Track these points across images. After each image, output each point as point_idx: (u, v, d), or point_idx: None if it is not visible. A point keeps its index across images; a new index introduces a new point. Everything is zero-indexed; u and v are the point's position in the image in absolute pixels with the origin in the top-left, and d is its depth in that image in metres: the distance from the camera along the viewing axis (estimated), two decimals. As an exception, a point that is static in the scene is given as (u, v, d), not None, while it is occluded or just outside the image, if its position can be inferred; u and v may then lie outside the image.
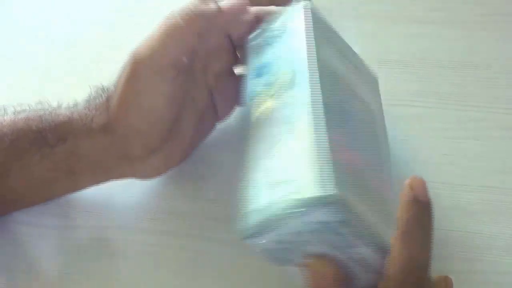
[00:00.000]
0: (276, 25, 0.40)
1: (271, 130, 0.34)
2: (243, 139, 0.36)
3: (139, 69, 0.39)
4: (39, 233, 0.44)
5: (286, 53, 0.37)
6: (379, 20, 0.56)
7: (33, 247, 0.43)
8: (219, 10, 0.40)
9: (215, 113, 0.44)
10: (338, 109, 0.35)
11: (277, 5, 0.42)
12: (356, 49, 0.44)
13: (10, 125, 0.40)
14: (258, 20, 0.42)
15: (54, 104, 0.42)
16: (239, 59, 0.43)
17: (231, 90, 0.43)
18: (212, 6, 0.40)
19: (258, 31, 0.41)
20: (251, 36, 0.41)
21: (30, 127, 0.40)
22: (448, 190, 0.45)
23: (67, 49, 0.56)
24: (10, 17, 0.61)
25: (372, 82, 0.43)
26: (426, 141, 0.48)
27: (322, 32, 0.38)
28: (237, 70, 0.44)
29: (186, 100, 0.42)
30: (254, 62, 0.40)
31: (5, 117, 0.41)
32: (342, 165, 0.31)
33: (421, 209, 0.30)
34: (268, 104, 0.36)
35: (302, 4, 0.39)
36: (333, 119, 0.33)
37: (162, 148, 0.41)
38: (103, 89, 0.42)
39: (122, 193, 0.45)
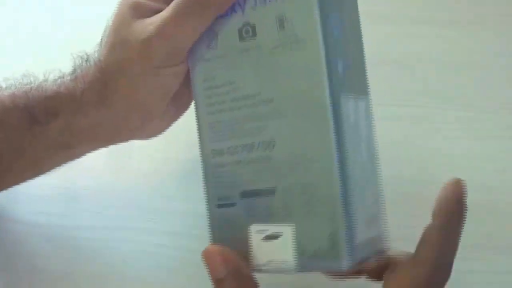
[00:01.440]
0: None
1: None
2: None
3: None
4: (39, 232, 0.44)
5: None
6: (379, 20, 0.56)
7: (33, 247, 0.43)
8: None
9: None
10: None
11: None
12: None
13: None
14: None
15: (40, 77, 0.40)
16: None
17: None
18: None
19: None
20: None
21: (17, 105, 0.38)
22: (448, 190, 0.45)
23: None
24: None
25: None
26: (426, 141, 0.48)
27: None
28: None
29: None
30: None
31: None
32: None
33: (463, 208, 0.33)
34: None
35: None
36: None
37: (164, 114, 0.39)
38: (87, 55, 0.38)
39: (123, 193, 0.45)
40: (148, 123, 0.39)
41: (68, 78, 0.38)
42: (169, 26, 0.35)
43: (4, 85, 0.40)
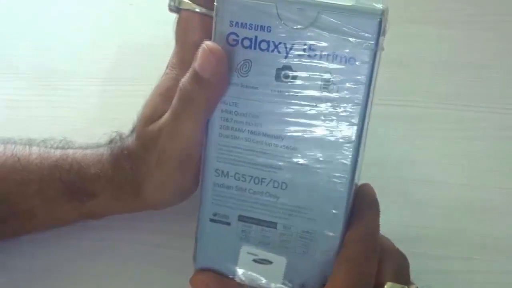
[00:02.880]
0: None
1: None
2: None
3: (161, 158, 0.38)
4: (39, 232, 0.44)
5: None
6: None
7: (33, 247, 0.43)
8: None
9: None
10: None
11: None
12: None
13: (37, 171, 0.40)
14: None
15: (78, 143, 0.42)
16: None
17: None
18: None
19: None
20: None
21: (58, 177, 0.40)
22: (448, 190, 0.45)
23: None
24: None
25: None
26: (426, 141, 0.48)
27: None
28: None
29: None
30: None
31: (32, 157, 0.41)
32: None
33: (375, 197, 0.36)
34: None
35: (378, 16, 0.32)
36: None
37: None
38: (121, 136, 0.41)
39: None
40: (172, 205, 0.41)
41: (108, 161, 0.40)
42: (169, 128, 0.36)
43: (43, 150, 0.41)
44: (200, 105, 0.35)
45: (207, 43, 0.33)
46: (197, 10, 0.38)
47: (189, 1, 0.38)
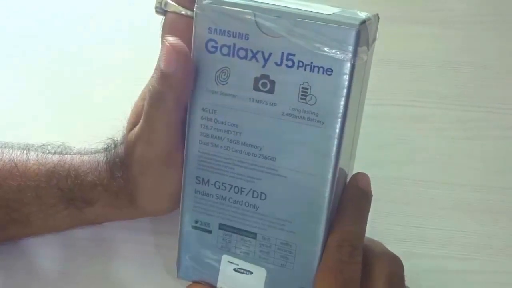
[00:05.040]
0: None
1: None
2: None
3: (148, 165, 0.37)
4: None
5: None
6: (379, 20, 0.56)
7: (33, 247, 0.43)
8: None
9: None
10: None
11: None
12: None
13: (34, 177, 0.40)
14: None
15: (76, 149, 0.42)
16: None
17: None
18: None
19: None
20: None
21: (55, 183, 0.40)
22: (448, 190, 0.45)
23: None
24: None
25: None
26: (426, 141, 0.48)
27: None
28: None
29: None
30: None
31: (30, 163, 0.41)
32: None
33: (359, 192, 0.35)
34: None
35: (358, 26, 0.31)
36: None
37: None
38: (115, 143, 0.40)
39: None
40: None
41: (104, 169, 0.40)
42: (144, 133, 0.36)
43: (41, 155, 0.41)
44: (168, 104, 0.34)
45: (168, 38, 0.33)
46: (183, 12, 0.37)
47: (175, 4, 0.38)
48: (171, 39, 0.33)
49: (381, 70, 0.47)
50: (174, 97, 0.34)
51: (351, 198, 0.34)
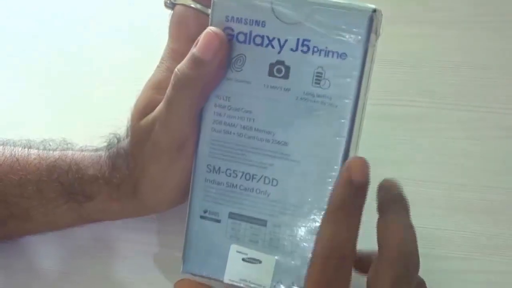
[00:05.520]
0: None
1: None
2: None
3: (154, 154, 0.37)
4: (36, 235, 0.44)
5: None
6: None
7: (33, 247, 0.43)
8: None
9: None
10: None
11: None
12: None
13: (35, 172, 0.40)
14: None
15: (77, 146, 0.42)
16: None
17: None
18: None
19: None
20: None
21: (56, 178, 0.40)
22: (448, 190, 0.45)
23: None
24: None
25: None
26: (426, 141, 0.48)
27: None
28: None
29: None
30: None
31: (31, 158, 0.41)
32: None
33: (352, 190, 0.31)
34: None
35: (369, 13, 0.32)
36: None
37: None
38: (118, 138, 0.40)
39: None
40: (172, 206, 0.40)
41: (106, 163, 0.40)
42: (162, 117, 0.36)
43: (42, 151, 0.41)
44: (195, 90, 0.34)
45: (211, 28, 0.34)
46: (192, 5, 0.38)
47: None
48: (214, 28, 0.34)
49: (381, 70, 0.47)
50: (203, 84, 0.34)
51: (341, 198, 0.31)
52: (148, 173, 0.38)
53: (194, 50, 0.34)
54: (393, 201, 0.34)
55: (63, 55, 0.55)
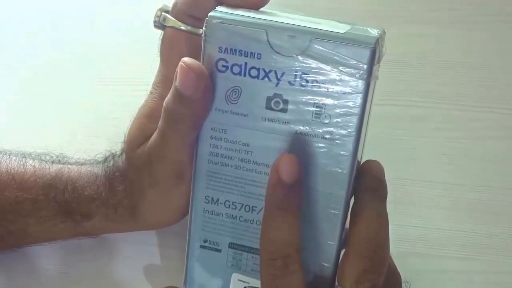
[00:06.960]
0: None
1: None
2: None
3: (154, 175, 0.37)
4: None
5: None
6: (379, 20, 0.56)
7: (33, 247, 0.43)
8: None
9: None
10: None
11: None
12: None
13: (31, 190, 0.40)
14: None
15: (74, 159, 0.42)
16: None
17: None
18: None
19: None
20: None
21: (53, 197, 0.40)
22: (448, 190, 0.45)
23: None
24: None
25: None
26: (426, 141, 0.48)
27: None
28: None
29: None
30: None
31: (27, 175, 0.40)
32: None
33: (285, 190, 0.31)
34: None
35: (371, 45, 0.30)
36: None
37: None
38: (114, 156, 0.40)
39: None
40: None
41: (102, 183, 0.39)
42: (158, 149, 0.35)
43: (38, 165, 0.41)
44: (186, 124, 0.33)
45: (185, 60, 0.32)
46: (182, 28, 0.37)
47: (174, 19, 0.37)
48: (188, 60, 0.32)
49: (381, 70, 0.47)
50: (192, 118, 0.33)
51: (276, 198, 0.31)
52: (146, 198, 0.38)
53: (176, 83, 0.33)
54: (368, 188, 0.33)
55: (63, 55, 0.55)
